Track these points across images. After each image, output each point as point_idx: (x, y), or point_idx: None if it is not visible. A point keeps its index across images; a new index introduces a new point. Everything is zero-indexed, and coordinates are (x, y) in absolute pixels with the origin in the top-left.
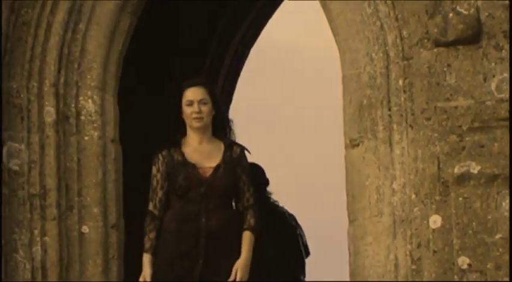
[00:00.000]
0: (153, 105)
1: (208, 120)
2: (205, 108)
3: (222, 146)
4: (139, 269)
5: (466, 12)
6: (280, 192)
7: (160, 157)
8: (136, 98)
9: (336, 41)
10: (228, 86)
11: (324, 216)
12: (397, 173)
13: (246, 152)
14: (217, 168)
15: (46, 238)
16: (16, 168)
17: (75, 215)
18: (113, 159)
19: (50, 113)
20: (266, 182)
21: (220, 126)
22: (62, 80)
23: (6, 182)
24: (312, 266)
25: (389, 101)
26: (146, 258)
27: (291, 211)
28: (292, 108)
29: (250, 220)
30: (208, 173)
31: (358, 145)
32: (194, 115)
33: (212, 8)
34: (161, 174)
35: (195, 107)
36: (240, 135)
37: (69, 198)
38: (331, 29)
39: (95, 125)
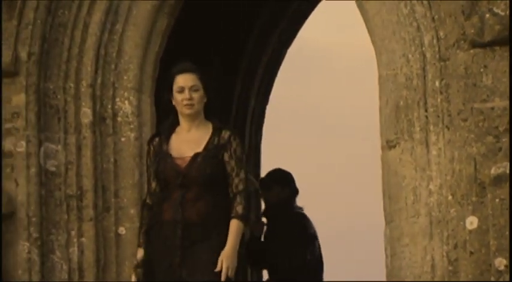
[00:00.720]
0: None
1: (200, 107)
2: (196, 95)
3: (211, 132)
4: None
5: (502, 13)
6: (315, 192)
7: (151, 147)
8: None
9: (372, 41)
10: (265, 86)
11: (360, 217)
12: (434, 174)
13: (236, 137)
14: (194, 157)
15: (83, 239)
16: (53, 169)
17: (111, 216)
18: None
19: (86, 114)
20: (296, 192)
21: (211, 113)
22: (98, 81)
23: (43, 183)
24: (349, 268)
25: (425, 102)
26: (139, 254)
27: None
28: (328, 108)
29: (237, 207)
30: (186, 163)
31: (394, 146)
32: (185, 102)
33: (249, 8)
34: (153, 165)
35: (186, 94)
36: (276, 135)
37: (106, 199)
38: (368, 29)
39: (132, 126)
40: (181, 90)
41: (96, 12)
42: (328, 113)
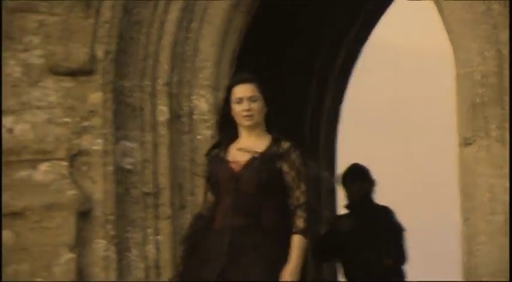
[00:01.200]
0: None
1: (259, 117)
2: (255, 106)
3: (270, 141)
4: None
5: None
6: (390, 190)
7: (209, 158)
8: None
9: (449, 39)
10: (340, 86)
11: (437, 214)
12: (510, 171)
13: (298, 151)
14: (251, 161)
15: (159, 237)
16: (129, 167)
17: (188, 214)
18: None
19: (162, 112)
20: (375, 185)
21: (271, 124)
22: (174, 79)
23: (119, 181)
24: (425, 266)
25: (502, 100)
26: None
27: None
28: (403, 106)
29: (298, 221)
30: (241, 166)
31: (471, 144)
32: (244, 113)
33: (325, 7)
34: (208, 175)
35: (245, 105)
36: (351, 134)
37: (182, 197)
38: (444, 27)
39: (208, 124)
40: (240, 101)
41: (172, 11)
42: (403, 112)
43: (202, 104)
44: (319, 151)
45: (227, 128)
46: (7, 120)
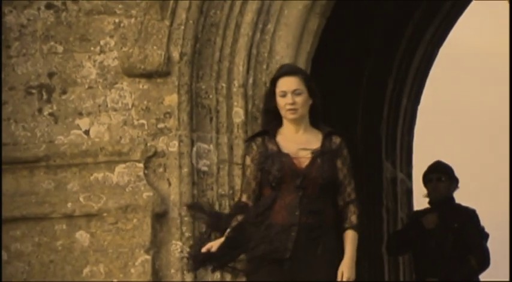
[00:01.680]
0: (340, 101)
1: (304, 111)
2: (299, 99)
3: (320, 136)
4: None
5: None
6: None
7: (254, 146)
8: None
9: None
10: (417, 86)
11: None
12: None
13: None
14: (314, 158)
15: None
16: (205, 168)
17: None
18: None
19: (238, 113)
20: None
21: (317, 116)
22: (250, 81)
23: (195, 182)
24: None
25: None
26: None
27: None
28: (479, 108)
29: (352, 217)
30: (305, 163)
31: None
32: (288, 107)
33: (402, 8)
34: (255, 165)
35: (289, 98)
36: (428, 135)
37: None
38: None
39: None
40: (284, 94)
41: (248, 13)
42: (479, 113)
43: None
44: (395, 152)
45: (272, 120)
46: (83, 122)
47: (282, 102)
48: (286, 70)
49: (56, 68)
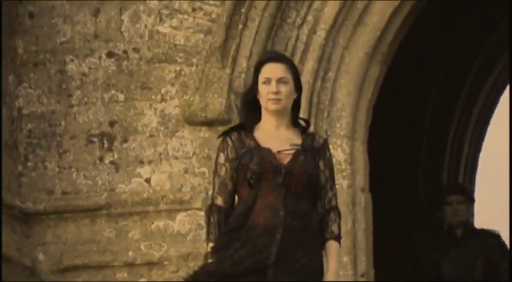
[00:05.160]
0: (401, 148)
1: (287, 103)
2: (284, 89)
3: (300, 134)
4: None
5: None
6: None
7: (229, 142)
8: (382, 142)
9: None
10: (478, 134)
11: None
12: None
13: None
14: (297, 154)
15: None
16: None
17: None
18: (362, 208)
19: None
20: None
21: (297, 113)
22: (311, 128)
23: None
24: None
25: None
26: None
27: None
28: None
29: (333, 227)
30: (286, 159)
31: None
32: (271, 96)
33: (461, 60)
34: (230, 163)
35: (273, 86)
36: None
37: None
38: None
39: (344, 173)
40: (268, 81)
41: (309, 60)
42: None
43: (339, 153)
44: None
45: (250, 112)
46: (144, 171)
47: (265, 91)
48: (273, 56)
49: (117, 117)
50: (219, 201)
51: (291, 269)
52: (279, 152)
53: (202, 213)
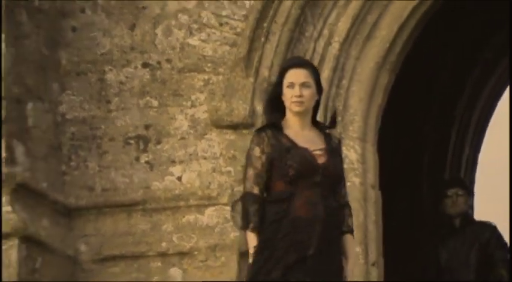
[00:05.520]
0: (407, 149)
1: (310, 105)
2: (307, 92)
3: (321, 134)
4: None
5: None
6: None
7: (265, 137)
8: (390, 143)
9: None
10: (478, 135)
11: None
12: None
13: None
14: (329, 154)
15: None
16: None
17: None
18: (373, 203)
19: None
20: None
21: (316, 115)
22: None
23: None
24: None
25: None
26: (252, 237)
27: None
28: None
29: (349, 221)
30: (321, 159)
31: None
32: (294, 99)
33: (460, 67)
34: (266, 157)
35: (296, 90)
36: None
37: None
38: None
39: (357, 172)
40: (292, 85)
41: (324, 70)
42: None
43: (352, 154)
44: None
45: (274, 110)
46: (176, 170)
47: (289, 94)
48: (296, 62)
49: (151, 121)
50: (256, 190)
51: (327, 263)
52: (313, 151)
53: (228, 207)
